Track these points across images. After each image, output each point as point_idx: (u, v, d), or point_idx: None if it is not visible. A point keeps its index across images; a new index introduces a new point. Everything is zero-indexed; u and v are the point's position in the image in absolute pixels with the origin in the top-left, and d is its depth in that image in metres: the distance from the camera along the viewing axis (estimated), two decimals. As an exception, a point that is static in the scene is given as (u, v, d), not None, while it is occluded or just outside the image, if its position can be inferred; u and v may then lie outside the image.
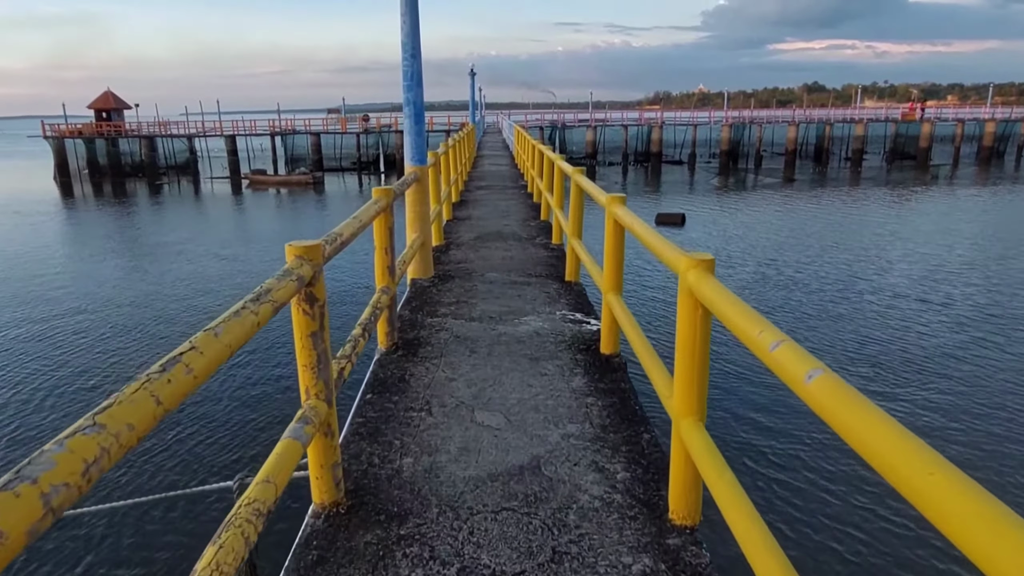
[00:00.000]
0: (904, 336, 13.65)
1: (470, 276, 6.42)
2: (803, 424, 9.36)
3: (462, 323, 4.94)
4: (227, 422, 9.60)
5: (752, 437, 9.24)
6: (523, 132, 15.36)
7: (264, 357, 12.17)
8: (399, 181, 4.92)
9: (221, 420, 9.68)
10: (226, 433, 9.26)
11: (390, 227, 4.11)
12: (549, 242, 8.18)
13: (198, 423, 9.54)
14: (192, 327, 13.79)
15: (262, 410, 10.02)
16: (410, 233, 5.95)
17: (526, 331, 4.78)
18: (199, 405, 10.00)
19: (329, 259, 2.66)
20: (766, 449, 8.91)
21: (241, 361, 11.79)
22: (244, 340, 1.71)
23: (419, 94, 5.73)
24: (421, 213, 5.92)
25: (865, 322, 14.66)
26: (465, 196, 12.98)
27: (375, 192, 4.03)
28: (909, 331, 13.96)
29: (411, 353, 4.33)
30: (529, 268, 6.79)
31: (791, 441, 9.09)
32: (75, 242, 26.80)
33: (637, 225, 3.30)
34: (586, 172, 5.95)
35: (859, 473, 7.99)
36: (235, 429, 9.39)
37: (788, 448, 8.94)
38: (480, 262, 7.09)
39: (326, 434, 2.55)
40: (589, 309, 5.35)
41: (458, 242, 8.21)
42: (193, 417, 9.67)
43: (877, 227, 26.76)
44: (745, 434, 9.32)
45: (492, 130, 57.54)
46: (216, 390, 10.52)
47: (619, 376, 4.02)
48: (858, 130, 60.57)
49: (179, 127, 58.25)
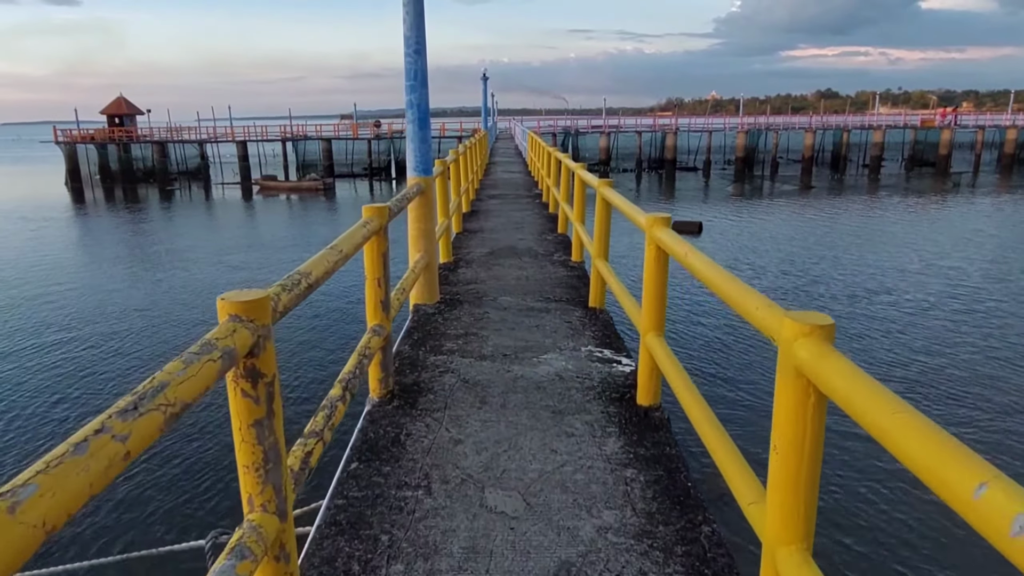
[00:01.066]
0: (948, 352, 12.78)
1: (481, 300, 5.68)
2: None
3: (471, 362, 4.20)
4: (196, 470, 8.60)
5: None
6: (538, 139, 14.66)
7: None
8: (398, 195, 4.20)
9: (190, 467, 8.69)
10: (196, 482, 8.27)
11: (384, 253, 3.39)
12: (568, 259, 7.43)
13: (165, 470, 8.52)
14: (184, 341, 13.16)
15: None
16: (412, 253, 5.23)
17: (546, 373, 4.04)
18: (165, 450, 8.97)
19: (288, 311, 1.95)
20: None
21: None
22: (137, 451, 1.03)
23: (424, 95, 5.03)
24: (426, 230, 5.20)
25: (899, 337, 13.82)
26: (476, 206, 12.28)
27: (365, 211, 3.31)
28: (952, 347, 13.09)
29: (409, 404, 3.60)
30: (547, 291, 6.05)
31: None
32: (78, 247, 26.33)
33: (699, 262, 2.55)
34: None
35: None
36: (207, 476, 8.40)
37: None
38: (492, 282, 6.36)
39: (277, 558, 1.83)
40: (619, 344, 4.60)
41: (468, 258, 7.49)
42: (160, 463, 8.65)
43: (902, 237, 25.80)
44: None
45: (505, 136, 56.95)
46: (188, 431, 9.58)
47: (663, 437, 3.28)
48: (876, 137, 59.43)
49: (191, 133, 58.07)
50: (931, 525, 7.11)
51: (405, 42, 4.94)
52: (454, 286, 6.23)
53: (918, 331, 14.28)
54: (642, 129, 59.25)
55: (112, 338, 14.30)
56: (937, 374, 11.85)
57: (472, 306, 5.48)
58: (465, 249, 8.01)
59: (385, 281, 3.43)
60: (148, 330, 14.87)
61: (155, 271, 21.01)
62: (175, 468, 8.49)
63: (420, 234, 5.17)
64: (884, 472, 8.02)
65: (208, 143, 57.21)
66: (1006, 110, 72.37)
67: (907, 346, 13.38)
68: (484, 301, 5.65)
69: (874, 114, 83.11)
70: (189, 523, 7.02)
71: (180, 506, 7.57)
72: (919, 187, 46.25)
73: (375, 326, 3.40)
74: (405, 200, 4.21)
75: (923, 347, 13.30)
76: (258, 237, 28.10)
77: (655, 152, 57.56)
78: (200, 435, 9.26)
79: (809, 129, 59.62)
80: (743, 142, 58.06)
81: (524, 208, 11.83)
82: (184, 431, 9.32)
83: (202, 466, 8.49)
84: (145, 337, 14.38)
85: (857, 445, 8.41)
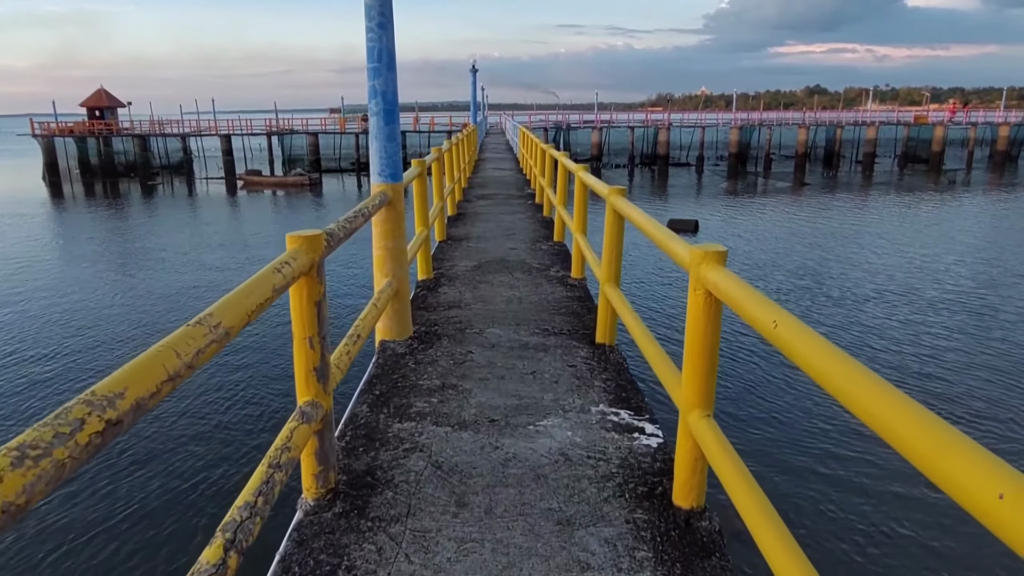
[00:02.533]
0: (950, 354, 11.92)
1: (464, 334, 4.65)
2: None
3: (447, 434, 3.17)
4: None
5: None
6: (531, 136, 13.62)
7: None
8: (351, 211, 3.17)
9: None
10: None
11: (317, 301, 2.37)
12: (567, 275, 6.40)
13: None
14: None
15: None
16: (378, 278, 4.20)
17: (548, 451, 3.02)
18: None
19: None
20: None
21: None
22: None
23: (391, 81, 3.99)
24: (394, 250, 4.16)
25: (902, 337, 13.04)
26: (463, 208, 11.24)
27: (289, 241, 2.29)
28: (956, 349, 12.22)
29: (358, 509, 2.56)
30: (545, 319, 5.03)
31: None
32: (47, 245, 25.01)
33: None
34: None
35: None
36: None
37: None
38: (478, 307, 5.33)
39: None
40: (638, 400, 3.58)
41: (451, 274, 6.45)
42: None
43: (901, 236, 24.95)
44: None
45: (495, 131, 55.85)
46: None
47: (717, 568, 2.28)
48: (870, 133, 58.80)
49: (174, 126, 56.53)
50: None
51: (367, 13, 3.90)
52: (432, 312, 5.19)
53: (929, 329, 13.44)
54: (634, 124, 58.24)
55: (75, 340, 13.38)
56: (954, 377, 11.10)
57: (453, 342, 4.45)
58: (448, 262, 6.97)
59: (321, 340, 2.40)
60: (110, 335, 13.81)
61: (123, 271, 19.86)
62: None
63: (386, 255, 4.13)
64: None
65: (191, 137, 55.68)
66: (991, 107, 72.04)
67: (916, 343, 12.66)
68: (468, 335, 4.62)
69: (867, 110, 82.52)
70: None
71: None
72: (914, 184, 45.61)
73: (306, 405, 2.37)
74: (360, 217, 3.17)
75: (932, 345, 12.57)
76: (238, 236, 26.90)
77: (647, 148, 56.61)
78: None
79: (802, 125, 58.84)
80: (736, 138, 57.19)
81: (516, 210, 10.79)
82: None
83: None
84: (106, 343, 13.34)
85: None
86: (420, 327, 4.78)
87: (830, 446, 8.87)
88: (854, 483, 7.96)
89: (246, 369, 11.55)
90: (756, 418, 9.81)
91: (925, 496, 7.47)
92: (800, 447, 8.94)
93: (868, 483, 7.92)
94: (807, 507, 7.56)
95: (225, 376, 11.17)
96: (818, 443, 8.97)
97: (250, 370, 11.52)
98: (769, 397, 10.48)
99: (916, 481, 7.67)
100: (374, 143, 4.03)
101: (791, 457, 8.66)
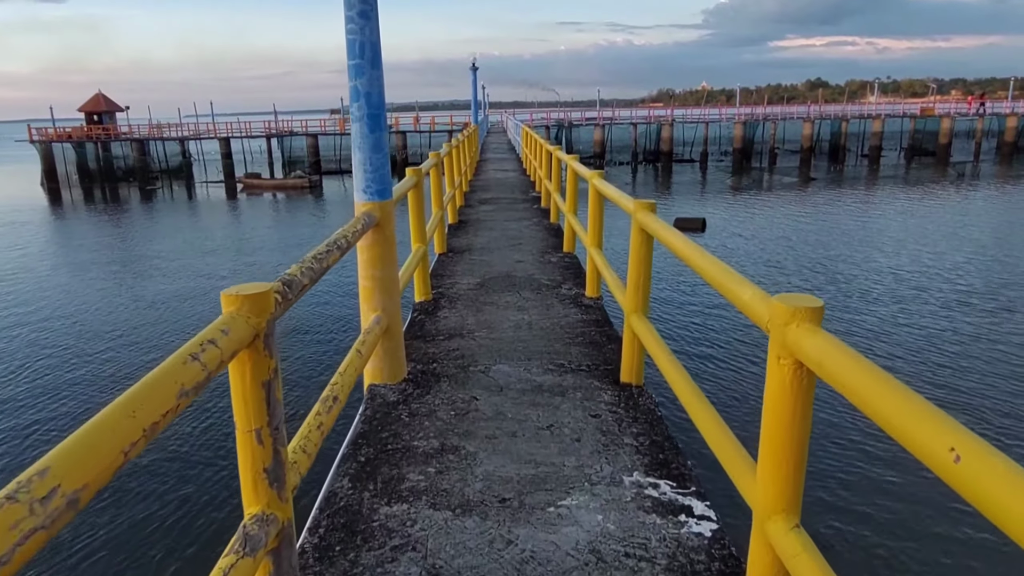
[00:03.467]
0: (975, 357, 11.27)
1: (466, 373, 4.00)
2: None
3: (447, 521, 2.53)
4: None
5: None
6: (535, 136, 12.96)
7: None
8: (327, 242, 2.54)
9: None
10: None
11: (266, 381, 1.74)
12: (581, 293, 5.75)
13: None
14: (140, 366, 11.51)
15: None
16: (365, 313, 3.56)
17: (574, 548, 2.38)
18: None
19: None
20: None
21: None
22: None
23: (375, 81, 3.35)
24: (383, 280, 3.52)
25: (933, 340, 12.42)
26: (465, 214, 10.61)
27: (224, 300, 1.67)
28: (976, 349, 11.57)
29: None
30: (559, 349, 4.39)
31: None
32: (41, 252, 24.43)
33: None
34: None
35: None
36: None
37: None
38: (483, 336, 4.69)
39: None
40: (681, 465, 2.93)
41: (452, 293, 5.81)
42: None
43: (915, 232, 24.22)
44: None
45: (496, 130, 55.18)
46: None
47: None
48: (875, 126, 57.96)
49: (173, 130, 55.97)
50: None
51: (345, 1, 3.27)
52: (431, 343, 4.55)
53: (946, 329, 12.80)
54: (637, 121, 57.48)
55: (69, 353, 12.97)
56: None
57: (454, 385, 3.80)
58: (449, 279, 6.33)
59: (273, 432, 1.77)
60: (106, 348, 13.28)
61: (115, 280, 19.30)
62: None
63: (374, 286, 3.49)
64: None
65: (190, 140, 55.13)
66: (996, 98, 71.20)
67: (935, 349, 12.05)
68: (471, 373, 3.97)
69: (872, 103, 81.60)
70: None
71: None
72: (922, 177, 44.83)
73: (253, 522, 1.74)
74: (336, 251, 2.53)
75: (949, 348, 11.98)
76: (235, 240, 26.30)
77: (651, 144, 55.86)
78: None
79: (807, 119, 58.02)
80: (740, 133, 56.41)
81: (521, 216, 10.15)
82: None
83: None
84: (102, 355, 12.84)
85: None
86: (416, 364, 4.13)
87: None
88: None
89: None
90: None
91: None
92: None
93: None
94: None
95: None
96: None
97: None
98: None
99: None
100: (357, 154, 3.39)
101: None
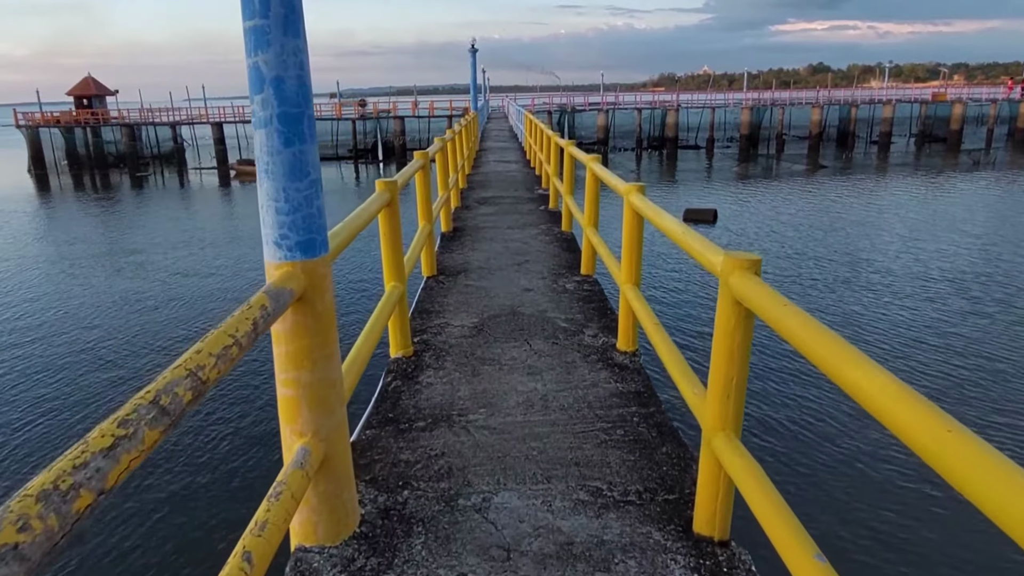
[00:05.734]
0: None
1: (452, 514, 2.63)
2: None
3: None
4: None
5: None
6: (543, 127, 11.66)
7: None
8: (223, 327, 1.35)
9: None
10: None
11: None
12: (608, 341, 4.46)
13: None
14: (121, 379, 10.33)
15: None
16: (287, 437, 2.23)
17: None
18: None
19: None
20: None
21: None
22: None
23: (291, 56, 2.09)
24: (315, 386, 2.21)
25: (938, 332, 11.51)
26: (462, 216, 9.36)
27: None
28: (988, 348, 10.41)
29: None
30: (590, 456, 3.04)
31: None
32: (21, 243, 23.20)
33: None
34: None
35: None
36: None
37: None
38: (479, 422, 3.39)
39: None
40: None
41: (440, 342, 4.52)
42: None
43: (930, 222, 22.94)
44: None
45: (497, 115, 53.62)
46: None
47: None
48: (886, 112, 56.41)
49: (165, 114, 54.42)
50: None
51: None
52: (403, 436, 3.26)
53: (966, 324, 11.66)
54: (641, 106, 55.91)
55: (43, 349, 12.11)
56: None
57: (431, 546, 2.42)
58: (438, 317, 5.08)
59: None
60: (68, 349, 12.19)
61: (98, 272, 18.17)
62: None
63: (301, 396, 2.15)
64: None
65: (181, 125, 53.60)
66: (997, 83, 69.59)
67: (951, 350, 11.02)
68: (460, 514, 2.60)
69: (882, 87, 79.81)
70: None
71: None
72: (934, 165, 43.43)
73: None
74: (224, 353, 1.33)
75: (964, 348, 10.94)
76: (221, 231, 25.04)
77: (655, 130, 54.34)
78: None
79: (816, 104, 56.49)
80: (747, 119, 54.90)
81: (527, 222, 8.89)
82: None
83: None
84: (61, 356, 11.75)
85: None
86: (376, 493, 2.74)
87: (866, 468, 8.08)
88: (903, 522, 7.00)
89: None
90: (786, 439, 8.86)
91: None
92: (832, 469, 8.15)
93: (923, 511, 7.25)
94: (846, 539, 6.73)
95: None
96: (852, 463, 8.22)
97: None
98: (797, 416, 9.54)
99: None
100: (265, 182, 2.13)
101: (824, 480, 7.89)
